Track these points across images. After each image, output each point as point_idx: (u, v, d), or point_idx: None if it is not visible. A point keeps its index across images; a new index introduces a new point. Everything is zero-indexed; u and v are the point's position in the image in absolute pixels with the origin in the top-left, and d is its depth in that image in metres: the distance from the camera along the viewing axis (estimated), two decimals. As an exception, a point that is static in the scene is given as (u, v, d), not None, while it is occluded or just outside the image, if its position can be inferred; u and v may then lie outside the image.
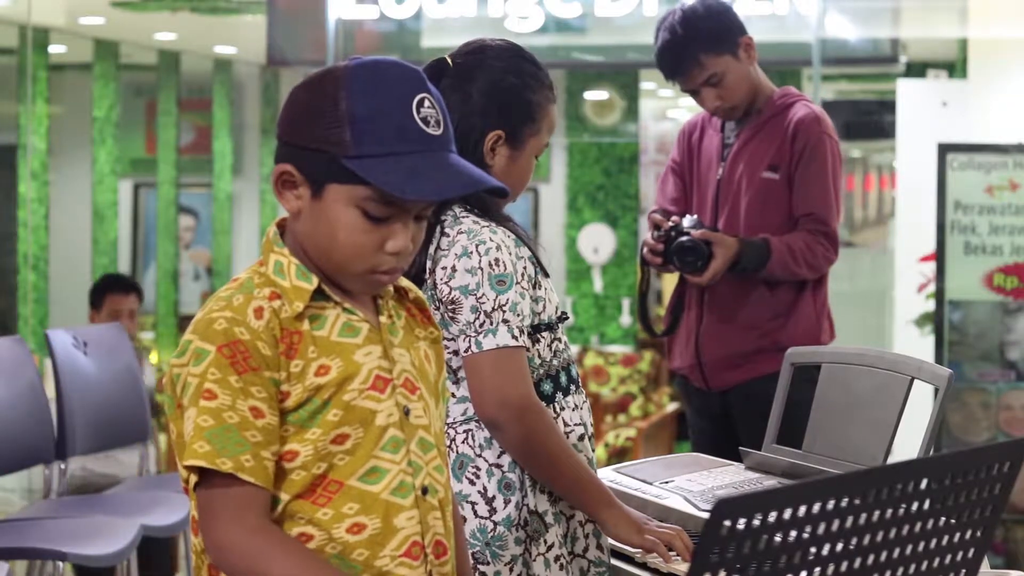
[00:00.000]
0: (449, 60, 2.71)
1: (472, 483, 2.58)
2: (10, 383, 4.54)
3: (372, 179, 1.97)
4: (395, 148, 1.99)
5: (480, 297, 2.53)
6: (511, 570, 2.56)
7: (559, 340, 2.67)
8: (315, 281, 2.04)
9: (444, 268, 2.57)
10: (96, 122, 9.40)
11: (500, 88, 2.67)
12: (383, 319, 2.09)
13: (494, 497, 2.57)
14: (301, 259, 2.06)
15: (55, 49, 9.05)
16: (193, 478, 1.95)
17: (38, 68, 8.57)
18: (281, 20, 7.72)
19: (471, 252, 2.55)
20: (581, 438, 2.66)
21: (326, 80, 2.03)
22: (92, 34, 9.27)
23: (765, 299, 3.99)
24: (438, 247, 2.59)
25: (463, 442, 2.60)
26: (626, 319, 9.92)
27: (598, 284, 9.92)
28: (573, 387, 2.68)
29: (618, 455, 8.34)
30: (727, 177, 4.05)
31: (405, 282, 2.17)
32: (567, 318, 2.72)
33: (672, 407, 9.81)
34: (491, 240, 2.56)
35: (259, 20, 8.19)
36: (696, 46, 3.97)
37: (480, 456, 2.59)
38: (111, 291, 6.24)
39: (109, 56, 9.45)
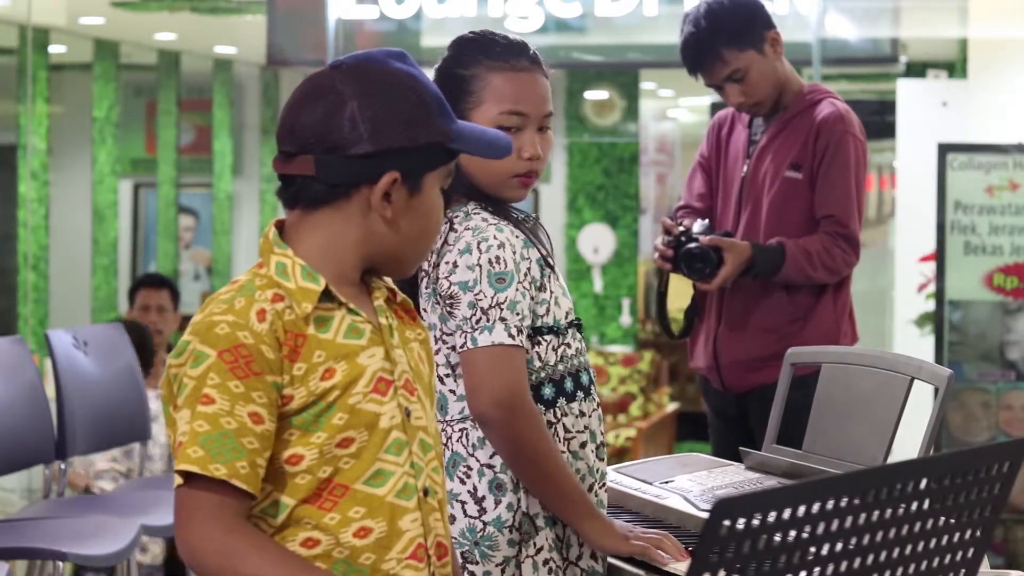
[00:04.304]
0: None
1: (463, 482, 2.57)
2: (10, 383, 4.54)
3: (480, 154, 2.12)
4: (456, 117, 2.09)
5: (478, 293, 2.52)
6: (503, 572, 2.55)
7: (568, 345, 2.63)
8: (322, 282, 2.02)
9: (447, 263, 2.56)
10: (96, 122, 9.40)
11: (437, 74, 2.65)
12: (383, 320, 2.09)
13: (484, 497, 2.56)
14: (313, 262, 2.03)
15: (55, 49, 9.05)
16: (179, 480, 1.94)
17: (38, 68, 8.57)
18: (281, 20, 7.72)
19: (472, 249, 2.54)
20: (583, 445, 2.62)
21: (401, 79, 2.04)
22: (92, 34, 9.27)
23: (783, 302, 3.94)
24: (444, 242, 2.58)
25: (457, 440, 2.59)
26: (626, 319, 9.92)
27: (598, 284, 9.92)
28: (581, 394, 2.64)
29: (618, 455, 8.34)
30: (752, 174, 3.98)
31: (392, 284, 2.17)
32: (579, 324, 2.69)
33: (672, 407, 9.81)
34: (495, 238, 2.55)
35: (259, 20, 8.19)
36: (719, 41, 3.88)
37: (472, 456, 2.58)
38: (143, 286, 6.33)
39: (109, 56, 9.45)
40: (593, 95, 9.99)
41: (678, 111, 11.94)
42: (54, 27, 8.80)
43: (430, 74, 2.43)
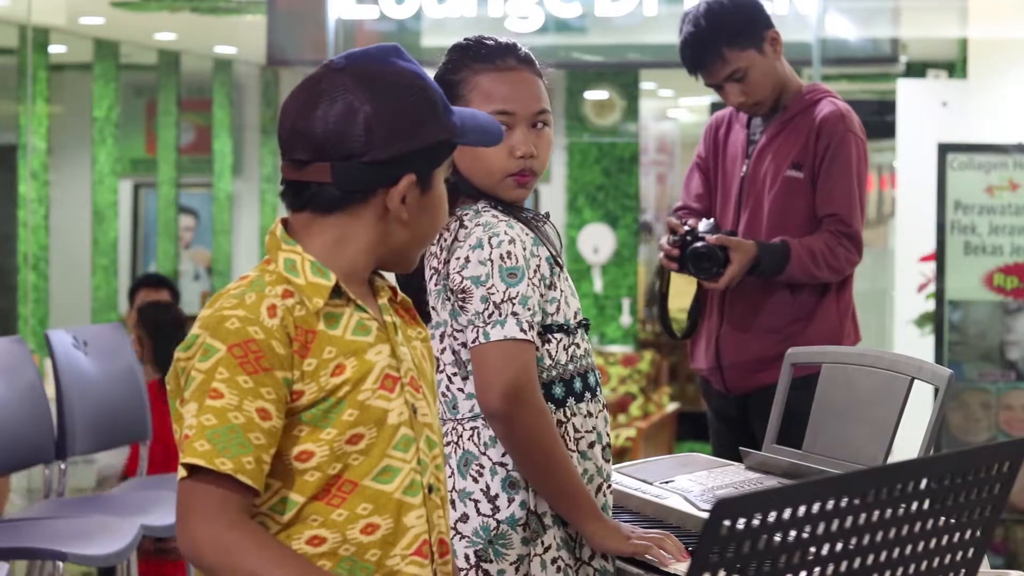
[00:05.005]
0: None
1: (475, 480, 2.57)
2: (10, 383, 4.54)
3: (478, 143, 2.13)
4: (455, 111, 2.12)
5: (490, 288, 2.52)
6: (517, 570, 2.55)
7: (577, 346, 2.64)
8: (333, 278, 2.03)
9: (458, 258, 2.57)
10: (96, 122, 9.40)
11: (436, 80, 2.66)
12: (387, 318, 2.09)
13: (497, 495, 2.56)
14: (322, 260, 2.03)
15: (55, 49, 9.06)
16: (183, 473, 1.94)
17: (38, 68, 8.57)
18: (281, 20, 7.72)
19: (484, 244, 2.55)
20: (591, 445, 2.64)
21: (407, 78, 2.05)
22: (92, 34, 9.27)
23: (786, 302, 3.92)
24: (455, 239, 2.58)
25: (469, 439, 2.59)
26: (626, 319, 9.92)
27: (598, 284, 9.92)
28: (589, 395, 2.66)
29: (618, 455, 8.35)
30: (751, 174, 3.97)
31: (394, 283, 2.18)
32: (587, 325, 2.70)
33: (672, 407, 9.81)
34: (505, 234, 2.55)
35: (259, 20, 8.19)
36: (720, 40, 3.87)
37: (484, 454, 2.58)
38: (143, 286, 6.35)
39: (109, 56, 9.45)
40: (593, 95, 9.99)
41: (678, 111, 11.94)
42: (54, 27, 8.80)
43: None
